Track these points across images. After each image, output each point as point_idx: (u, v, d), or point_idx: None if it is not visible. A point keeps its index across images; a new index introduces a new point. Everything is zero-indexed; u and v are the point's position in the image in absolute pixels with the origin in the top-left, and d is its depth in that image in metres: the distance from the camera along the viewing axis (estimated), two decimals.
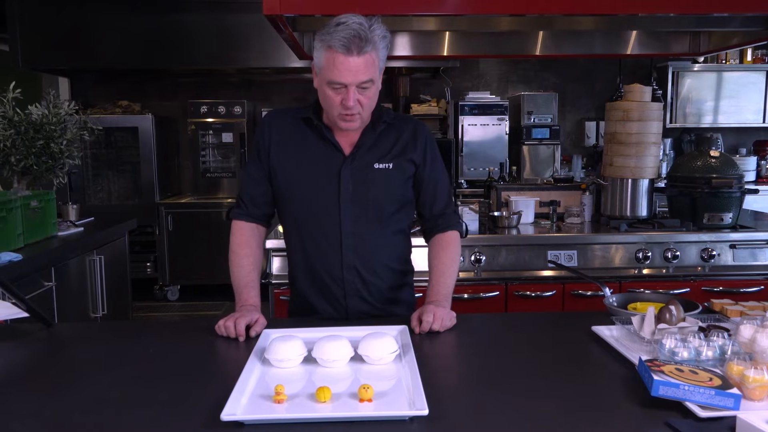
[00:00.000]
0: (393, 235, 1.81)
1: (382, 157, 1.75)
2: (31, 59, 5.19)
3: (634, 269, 2.90)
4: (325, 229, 1.74)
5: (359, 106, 1.62)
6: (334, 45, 1.54)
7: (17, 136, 3.00)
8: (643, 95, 3.05)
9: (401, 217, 1.82)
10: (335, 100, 1.61)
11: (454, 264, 1.82)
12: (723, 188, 2.94)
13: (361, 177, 1.73)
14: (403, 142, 1.77)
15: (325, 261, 1.76)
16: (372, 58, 1.58)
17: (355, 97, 1.60)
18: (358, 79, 1.58)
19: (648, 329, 1.44)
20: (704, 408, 1.09)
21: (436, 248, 1.84)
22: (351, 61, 1.55)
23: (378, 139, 1.75)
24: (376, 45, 1.58)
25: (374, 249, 1.77)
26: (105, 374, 1.37)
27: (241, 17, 5.20)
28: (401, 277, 1.86)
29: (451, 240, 1.84)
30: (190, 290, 5.50)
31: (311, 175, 1.74)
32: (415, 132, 1.79)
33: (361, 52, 1.55)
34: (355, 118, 1.65)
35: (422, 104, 5.84)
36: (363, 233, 1.75)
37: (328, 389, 1.17)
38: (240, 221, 1.82)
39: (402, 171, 1.77)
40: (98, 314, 3.36)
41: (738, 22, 2.83)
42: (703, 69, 5.79)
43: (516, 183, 3.70)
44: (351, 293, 1.77)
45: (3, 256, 2.51)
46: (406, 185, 1.79)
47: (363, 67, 1.57)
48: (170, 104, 6.00)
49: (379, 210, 1.75)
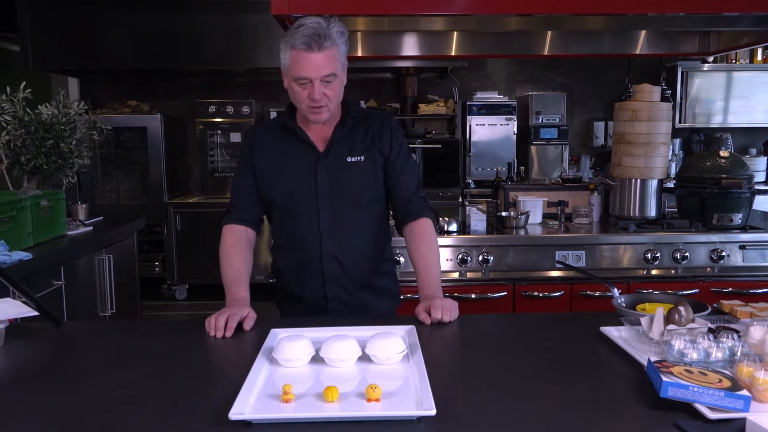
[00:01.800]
0: (369, 224, 1.92)
1: (353, 150, 1.87)
2: (41, 59, 5.23)
3: (642, 270, 2.89)
4: (305, 223, 1.86)
5: (326, 98, 1.74)
6: (296, 44, 1.68)
7: (27, 136, 3.01)
8: (652, 95, 3.03)
9: (376, 206, 1.93)
10: (303, 95, 1.74)
11: (435, 253, 1.91)
12: (733, 189, 2.92)
13: (336, 171, 1.85)
14: (371, 135, 1.89)
15: (306, 252, 1.88)
16: (332, 53, 1.71)
17: (320, 90, 1.72)
18: (322, 73, 1.70)
19: (657, 330, 1.44)
20: (713, 410, 1.09)
21: (414, 241, 1.91)
22: (313, 56, 1.68)
23: (349, 135, 1.88)
24: (335, 41, 1.70)
25: (351, 237, 1.88)
26: (113, 373, 1.38)
27: (249, 17, 5.22)
28: (380, 264, 1.97)
29: (425, 229, 1.91)
30: (198, 289, 5.52)
31: (289, 174, 1.86)
32: (382, 125, 1.91)
33: (321, 48, 1.68)
34: (322, 110, 1.77)
35: (430, 104, 5.83)
36: (340, 223, 1.86)
37: (335, 389, 1.17)
38: (230, 225, 1.93)
39: (373, 162, 1.88)
40: (107, 313, 3.38)
41: (748, 21, 2.82)
42: (713, 69, 5.76)
43: (524, 183, 3.70)
44: (330, 279, 1.88)
45: (13, 255, 2.52)
46: (378, 175, 1.90)
47: (325, 61, 1.69)
48: (179, 104, 6.02)
49: (354, 200, 1.87)
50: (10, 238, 2.63)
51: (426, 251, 1.89)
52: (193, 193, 6.03)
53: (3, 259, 2.46)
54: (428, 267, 1.87)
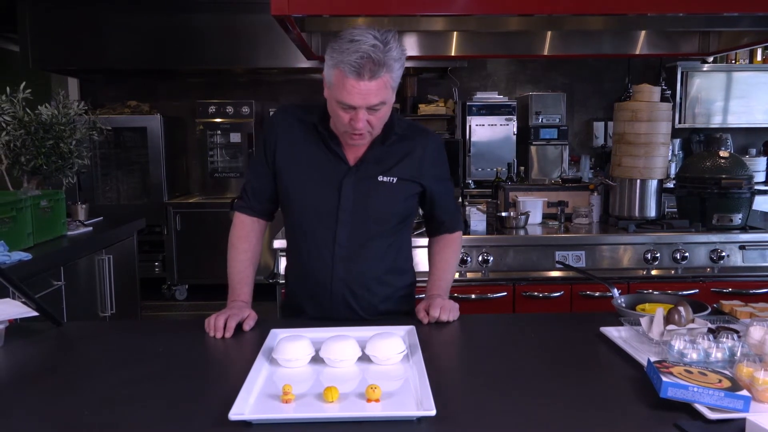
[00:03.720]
0: (389, 249, 1.76)
1: (387, 170, 1.69)
2: (41, 59, 5.23)
3: (642, 270, 2.89)
4: (319, 238, 1.71)
5: (369, 126, 1.57)
6: (345, 68, 1.46)
7: (27, 136, 3.01)
8: (652, 95, 3.03)
9: (401, 229, 1.78)
10: (344, 118, 1.56)
11: (455, 260, 1.89)
12: (732, 189, 2.92)
13: (363, 189, 1.68)
14: (412, 160, 1.72)
15: (315, 268, 1.73)
16: (385, 81, 1.50)
17: (364, 119, 1.54)
18: (370, 102, 1.51)
19: (657, 330, 1.44)
20: (713, 410, 1.09)
21: (440, 245, 1.88)
22: (362, 85, 1.47)
23: (386, 152, 1.70)
24: (390, 67, 1.49)
25: (367, 263, 1.72)
26: (113, 373, 1.37)
27: (249, 17, 5.22)
28: (395, 289, 1.81)
29: (455, 238, 1.89)
30: (198, 290, 5.52)
31: (313, 182, 1.70)
32: (425, 149, 1.74)
33: (373, 77, 1.47)
34: (363, 137, 1.61)
35: (430, 104, 5.83)
36: (357, 248, 1.70)
37: (335, 389, 1.17)
38: (242, 214, 1.82)
39: (407, 187, 1.72)
40: (107, 313, 3.38)
41: (748, 21, 2.82)
42: (713, 69, 5.76)
43: (524, 183, 3.70)
44: (338, 302, 1.73)
45: (13, 256, 2.52)
46: (409, 200, 1.75)
47: (375, 90, 1.49)
48: (179, 104, 6.02)
49: (378, 224, 1.71)
50: (10, 239, 2.63)
51: (449, 256, 1.86)
52: (193, 194, 6.03)
53: (3, 260, 2.46)
54: (445, 271, 1.83)
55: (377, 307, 1.77)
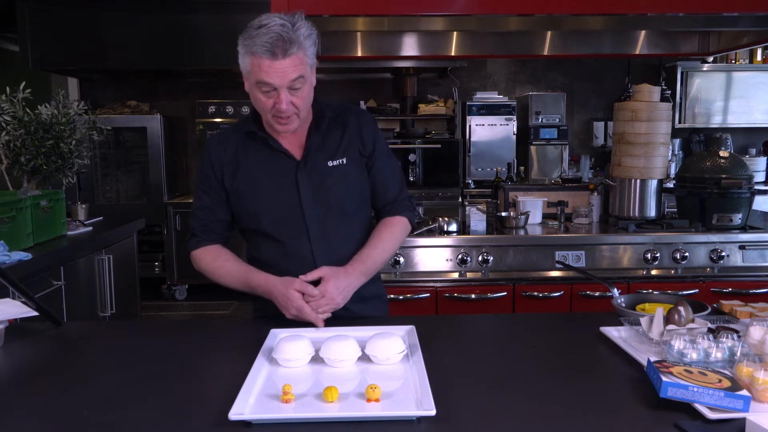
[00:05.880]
0: (359, 230, 1.78)
1: (333, 154, 1.72)
2: (40, 59, 5.23)
3: (642, 270, 2.89)
4: (294, 239, 1.71)
5: (293, 107, 1.58)
6: (258, 51, 1.52)
7: (27, 136, 3.01)
8: (652, 95, 3.03)
9: (364, 208, 1.81)
10: (267, 104, 1.58)
11: (389, 242, 1.78)
12: (732, 189, 2.92)
13: (318, 178, 1.70)
14: (349, 135, 1.74)
15: (296, 267, 1.68)
16: (299, 58, 1.54)
17: (287, 100, 1.56)
18: (288, 78, 1.54)
19: (657, 330, 1.44)
20: (713, 410, 1.09)
21: (379, 225, 1.81)
22: (278, 64, 1.52)
23: (325, 137, 1.73)
24: (302, 44, 1.54)
25: (343, 246, 1.74)
26: (113, 373, 1.38)
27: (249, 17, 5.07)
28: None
29: (396, 221, 1.81)
30: (198, 290, 5.51)
31: (269, 189, 1.70)
32: (360, 121, 1.77)
33: (286, 55, 1.51)
34: (290, 120, 1.61)
35: (430, 104, 5.83)
36: (331, 232, 1.72)
37: (335, 389, 1.17)
38: (198, 249, 1.80)
39: (356, 163, 1.75)
40: (107, 313, 3.38)
41: (748, 21, 2.82)
42: (713, 69, 5.76)
43: (524, 183, 3.70)
44: None
45: (13, 255, 2.52)
46: (363, 177, 1.77)
47: (291, 67, 1.53)
48: (179, 104, 6.02)
49: (342, 207, 1.73)
50: (9, 238, 2.63)
51: (383, 234, 1.77)
52: (193, 194, 6.03)
53: (3, 259, 2.46)
54: (373, 248, 1.73)
55: (358, 291, 1.72)
